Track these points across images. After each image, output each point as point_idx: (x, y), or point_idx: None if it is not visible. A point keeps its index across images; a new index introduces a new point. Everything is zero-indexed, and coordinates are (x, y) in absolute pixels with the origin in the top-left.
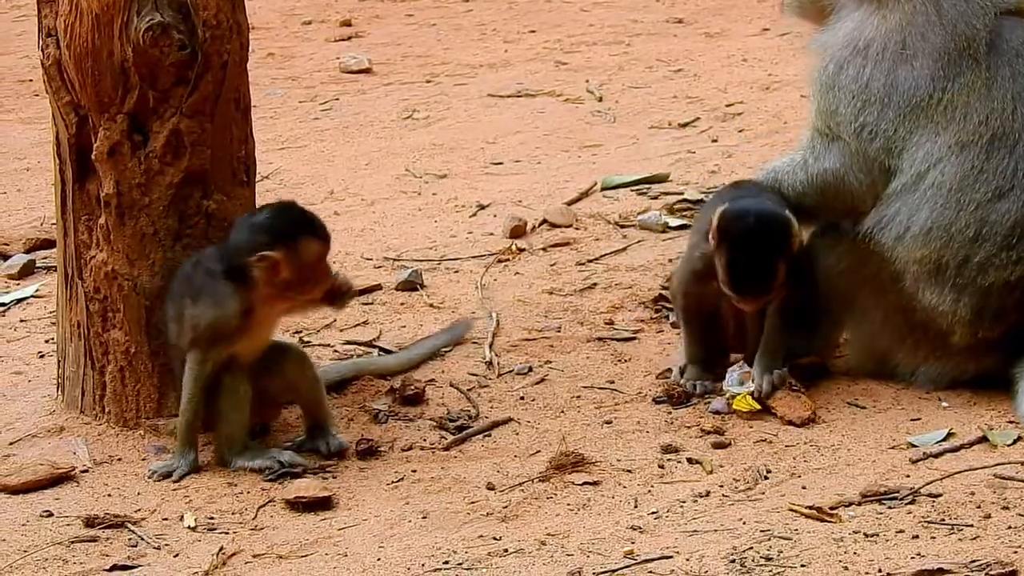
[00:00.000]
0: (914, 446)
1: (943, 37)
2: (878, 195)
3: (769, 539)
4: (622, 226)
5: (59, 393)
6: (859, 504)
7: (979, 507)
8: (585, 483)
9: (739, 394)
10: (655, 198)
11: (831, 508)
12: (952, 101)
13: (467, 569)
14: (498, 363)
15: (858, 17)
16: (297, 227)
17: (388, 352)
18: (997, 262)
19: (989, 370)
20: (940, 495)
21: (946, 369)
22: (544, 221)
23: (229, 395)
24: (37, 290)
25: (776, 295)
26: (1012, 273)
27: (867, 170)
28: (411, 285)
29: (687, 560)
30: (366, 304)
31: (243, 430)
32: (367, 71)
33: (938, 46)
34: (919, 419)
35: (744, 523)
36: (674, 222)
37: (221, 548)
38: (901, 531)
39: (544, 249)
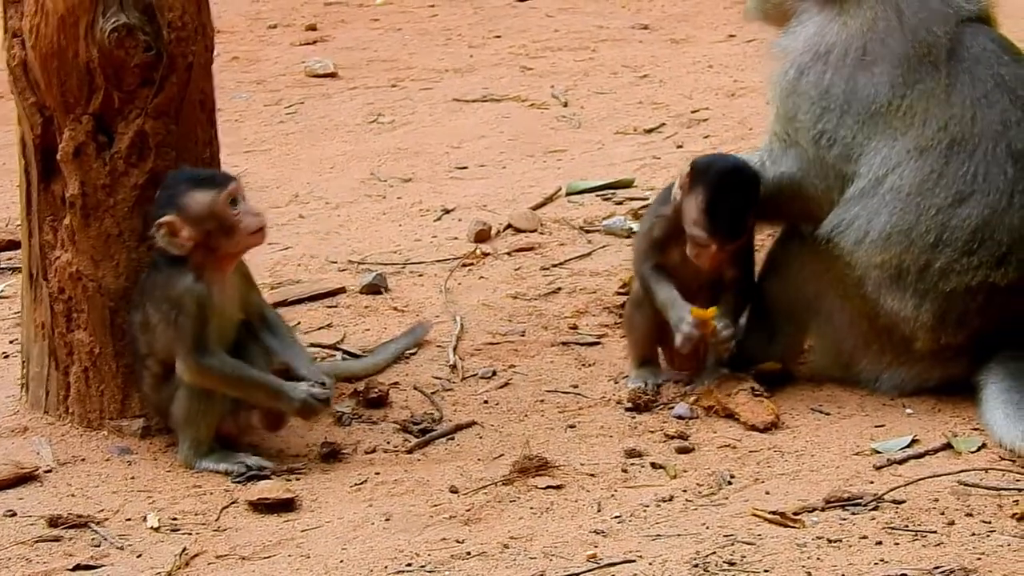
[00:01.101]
0: (878, 452)
1: (903, 43)
2: (834, 201)
3: (732, 544)
4: (587, 231)
5: (23, 393)
6: (823, 510)
7: (943, 513)
8: (548, 487)
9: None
10: (620, 203)
11: (795, 513)
12: (911, 107)
13: (430, 572)
14: (462, 367)
15: (819, 21)
16: (179, 185)
17: (352, 355)
18: (958, 267)
19: (954, 376)
20: (904, 501)
21: (910, 375)
22: (509, 226)
23: (201, 397)
24: (2, 290)
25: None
26: (973, 278)
27: (823, 176)
28: (375, 288)
29: (650, 564)
30: (330, 307)
31: (211, 432)
32: (332, 75)
33: (898, 52)
34: (883, 425)
35: (707, 528)
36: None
37: (184, 549)
38: (864, 537)
39: (509, 254)
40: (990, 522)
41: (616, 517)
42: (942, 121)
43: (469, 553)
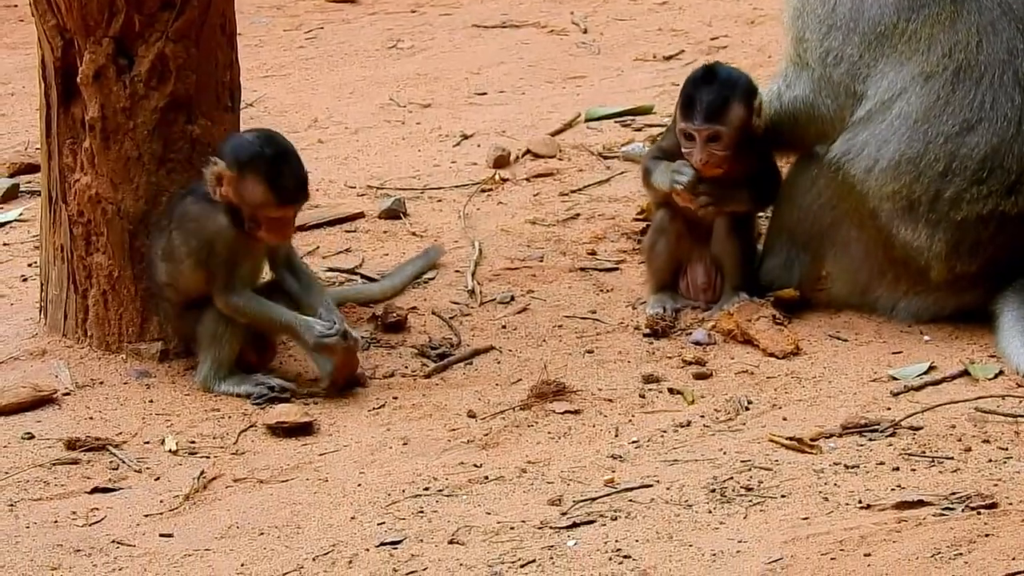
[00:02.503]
0: (895, 379)
1: None
2: (845, 120)
3: (749, 469)
4: (605, 157)
5: (42, 316)
6: (840, 436)
7: (960, 440)
8: (566, 412)
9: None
10: (639, 130)
11: (812, 439)
12: (916, 32)
13: (447, 496)
14: (480, 292)
15: None
16: (261, 159)
17: (371, 280)
18: (968, 197)
19: (970, 304)
20: (921, 428)
21: (927, 303)
22: (528, 152)
23: (221, 318)
24: (20, 214)
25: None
26: (984, 207)
27: (834, 95)
28: (394, 213)
29: (667, 489)
30: (349, 232)
31: (233, 356)
32: (352, 0)
33: None
34: (901, 352)
35: (725, 453)
36: None
37: (202, 472)
38: (881, 463)
39: (527, 179)
40: (1007, 448)
41: (633, 442)
42: (947, 47)
43: (487, 477)
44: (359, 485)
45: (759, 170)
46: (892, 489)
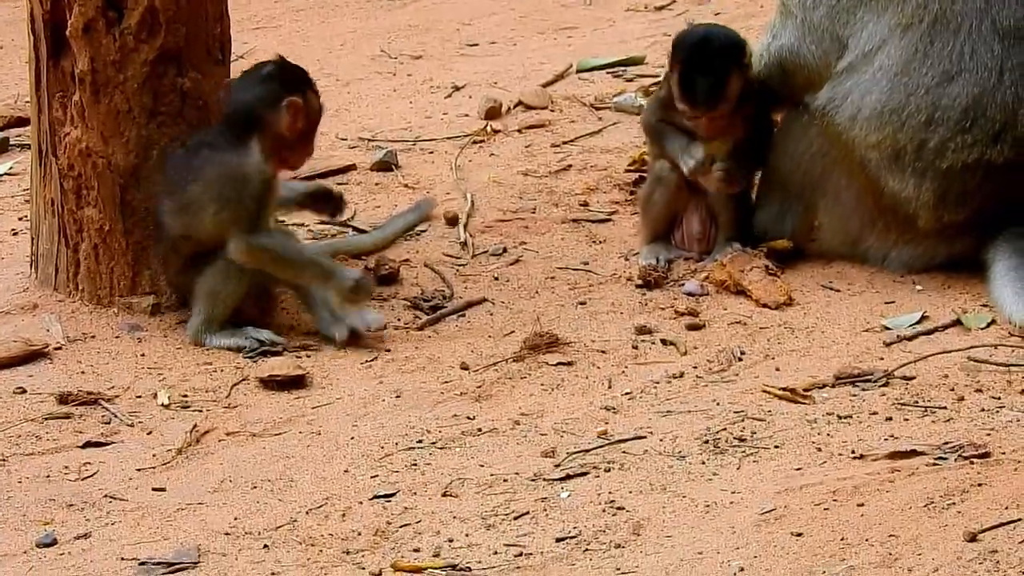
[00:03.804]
0: (888, 329)
1: None
2: (831, 66)
3: (743, 420)
4: (597, 108)
5: (32, 270)
6: (832, 386)
7: (952, 390)
8: (559, 363)
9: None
10: (630, 80)
11: (805, 390)
12: None
13: (441, 448)
14: (472, 244)
15: None
16: (306, 78)
17: (362, 232)
18: (953, 145)
19: (961, 254)
20: (913, 377)
21: (918, 253)
22: (519, 103)
23: (224, 273)
24: (11, 168)
25: (729, 113)
26: (970, 156)
27: (818, 40)
28: (386, 165)
29: (660, 440)
30: (341, 184)
31: (227, 313)
32: None
33: None
34: (893, 302)
35: (718, 404)
36: None
37: (194, 426)
38: (874, 413)
39: (519, 131)
40: (999, 398)
41: (626, 393)
42: None
43: (480, 430)
44: (352, 438)
45: (757, 128)
46: (885, 439)
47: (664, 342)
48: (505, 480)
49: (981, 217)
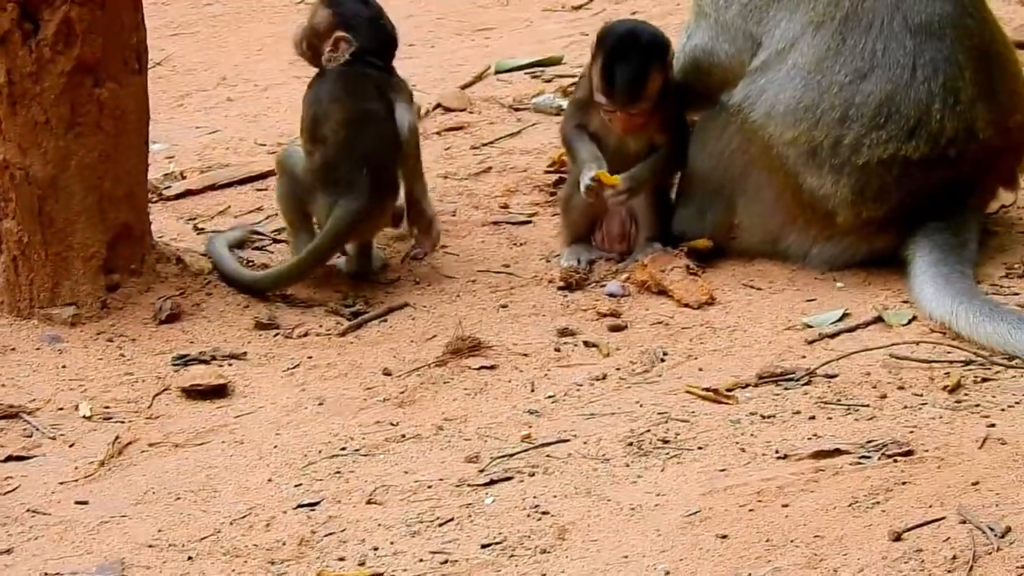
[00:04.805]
0: (810, 327)
1: None
2: (745, 64)
3: (666, 421)
4: (516, 109)
5: None
6: (755, 386)
7: (875, 387)
8: (482, 367)
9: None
10: (549, 81)
11: (728, 390)
12: None
13: (364, 455)
14: (393, 247)
15: None
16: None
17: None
18: (869, 142)
19: (881, 250)
20: (836, 376)
21: (838, 250)
22: (438, 105)
23: None
24: None
25: (648, 112)
26: (886, 151)
27: (731, 39)
28: None
29: (584, 443)
30: (260, 190)
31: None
32: None
33: None
34: (814, 300)
35: (641, 406)
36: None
37: (117, 437)
38: (797, 412)
39: (438, 133)
40: (922, 395)
41: (550, 397)
42: None
43: (403, 436)
44: (275, 447)
45: (674, 131)
46: (808, 438)
47: (586, 344)
48: (429, 486)
49: (900, 213)
